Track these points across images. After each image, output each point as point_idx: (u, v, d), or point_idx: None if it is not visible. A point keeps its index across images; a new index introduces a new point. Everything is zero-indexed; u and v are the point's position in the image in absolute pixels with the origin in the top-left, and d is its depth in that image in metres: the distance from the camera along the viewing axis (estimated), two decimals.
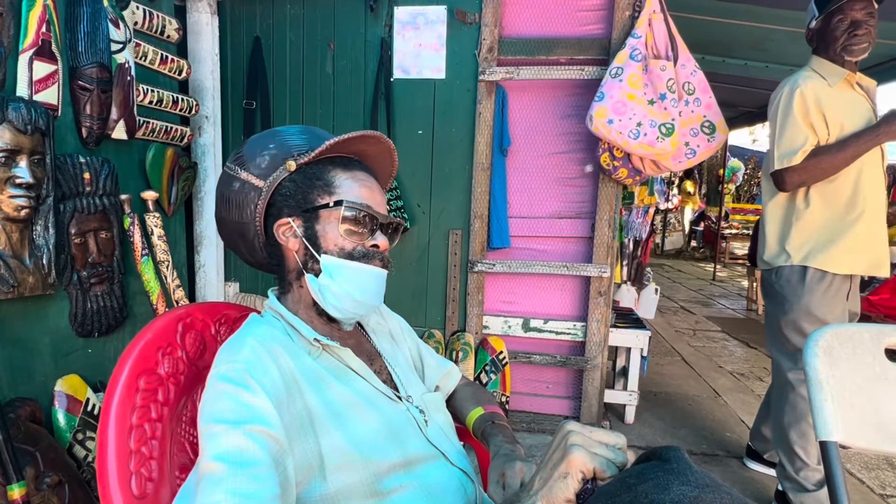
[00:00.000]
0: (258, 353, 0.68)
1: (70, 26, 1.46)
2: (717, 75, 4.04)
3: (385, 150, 0.85)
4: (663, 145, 1.90)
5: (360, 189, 0.78)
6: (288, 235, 0.78)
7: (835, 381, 0.79)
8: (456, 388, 1.00)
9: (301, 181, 0.77)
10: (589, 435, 0.50)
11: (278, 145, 0.78)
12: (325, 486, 0.66)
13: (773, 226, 1.77)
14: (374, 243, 0.78)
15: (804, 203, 1.70)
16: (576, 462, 0.48)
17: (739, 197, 10.76)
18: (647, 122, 1.89)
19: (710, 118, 1.96)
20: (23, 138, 1.24)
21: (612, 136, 1.92)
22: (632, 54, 1.93)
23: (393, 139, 2.31)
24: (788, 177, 1.65)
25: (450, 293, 2.35)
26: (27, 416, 1.31)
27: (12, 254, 1.29)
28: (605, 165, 2.07)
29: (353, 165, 0.80)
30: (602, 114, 1.92)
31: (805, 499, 1.71)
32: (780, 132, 1.67)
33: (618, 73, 1.93)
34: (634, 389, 2.40)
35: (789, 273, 1.71)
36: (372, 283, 0.78)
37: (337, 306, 0.76)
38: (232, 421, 0.60)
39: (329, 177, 0.77)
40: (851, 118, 1.64)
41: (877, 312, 3.40)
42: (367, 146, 0.82)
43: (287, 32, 2.37)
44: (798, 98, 1.64)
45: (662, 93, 1.91)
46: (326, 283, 0.75)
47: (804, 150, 1.63)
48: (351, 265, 0.76)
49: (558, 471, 0.49)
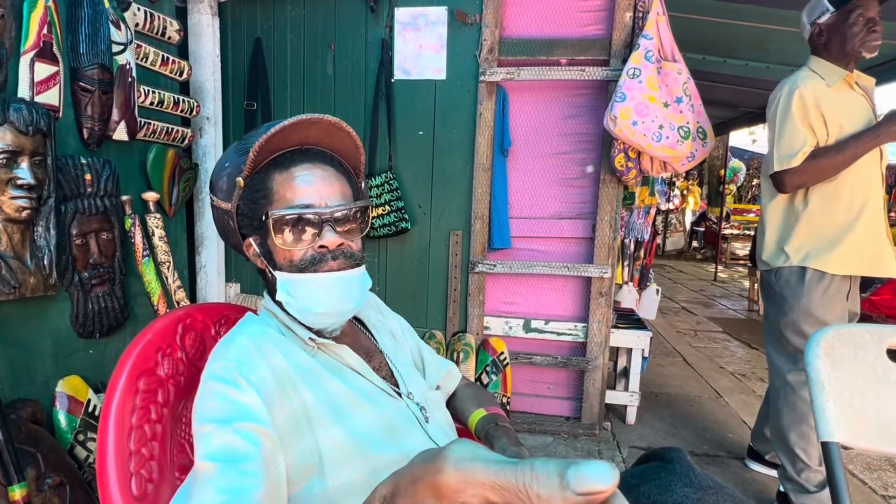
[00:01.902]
0: (249, 350, 0.68)
1: (71, 28, 1.46)
2: (718, 75, 4.03)
3: (331, 128, 0.74)
4: (682, 148, 1.92)
5: (297, 188, 0.71)
6: (254, 256, 0.77)
7: (836, 381, 0.79)
8: (457, 389, 1.00)
9: (248, 197, 0.73)
10: None
11: (233, 161, 0.74)
12: (325, 483, 0.66)
13: (772, 226, 1.77)
14: (322, 244, 0.72)
15: (803, 204, 1.70)
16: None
17: (741, 197, 10.75)
18: (668, 125, 1.90)
19: (703, 124, 1.98)
20: (24, 139, 1.24)
21: (635, 139, 1.91)
22: (646, 55, 1.93)
23: (394, 140, 2.31)
24: (788, 178, 1.65)
25: (451, 294, 2.34)
26: (28, 417, 1.31)
27: (13, 255, 1.29)
28: (619, 167, 2.04)
29: (294, 161, 0.73)
30: (626, 115, 1.90)
31: (807, 500, 1.71)
32: (780, 134, 1.67)
33: (636, 74, 1.92)
34: (636, 390, 2.40)
35: (788, 274, 1.71)
36: (330, 291, 0.72)
37: (304, 320, 0.74)
38: (222, 419, 0.60)
39: (268, 184, 0.72)
40: (850, 118, 1.63)
41: (878, 313, 3.40)
42: (312, 131, 0.74)
43: (288, 34, 2.37)
44: (797, 99, 1.64)
45: (679, 96, 1.92)
46: (286, 299, 0.73)
47: (803, 151, 1.62)
48: (300, 279, 0.72)
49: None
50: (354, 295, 0.75)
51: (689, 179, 8.85)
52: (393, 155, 2.32)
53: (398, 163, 2.32)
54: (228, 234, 0.79)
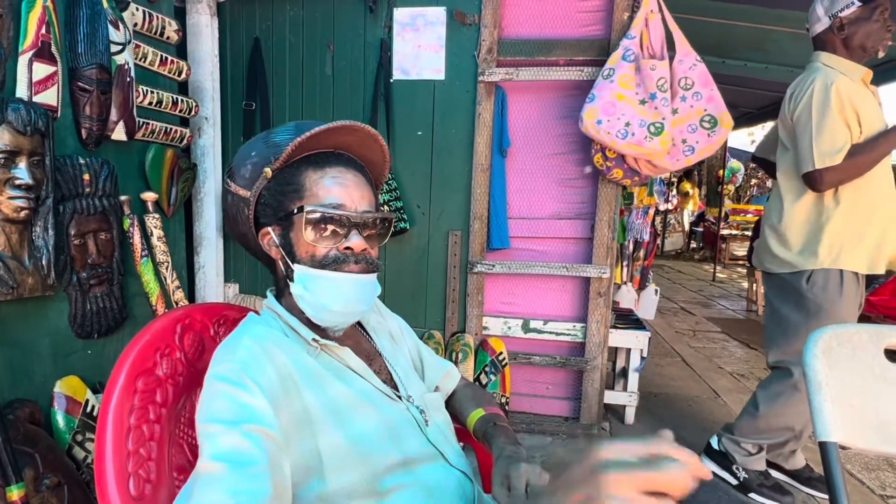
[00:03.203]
0: (254, 352, 0.68)
1: (70, 28, 1.46)
2: (717, 76, 4.00)
3: (367, 139, 0.79)
4: (651, 145, 1.89)
5: (330, 188, 0.74)
6: (270, 245, 0.77)
7: (834, 381, 0.79)
8: (455, 389, 1.00)
9: (275, 188, 0.75)
10: (629, 473, 0.35)
11: (260, 152, 0.76)
12: (324, 486, 0.66)
13: (796, 227, 1.70)
14: (348, 245, 0.74)
15: (834, 202, 1.64)
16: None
17: (739, 198, 10.76)
18: (636, 122, 1.89)
19: (711, 111, 1.92)
20: (22, 139, 1.24)
21: (601, 137, 1.93)
22: (624, 55, 1.94)
23: (392, 140, 2.31)
24: (828, 176, 1.57)
25: (449, 294, 2.34)
26: (26, 418, 1.31)
27: (11, 255, 1.29)
28: (599, 166, 2.08)
29: (329, 162, 0.76)
30: (592, 115, 1.93)
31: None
32: (819, 129, 1.58)
33: (609, 75, 1.94)
34: (634, 390, 2.40)
35: (825, 279, 1.64)
36: (348, 291, 0.74)
37: (315, 316, 0.75)
38: (229, 421, 0.60)
39: (300, 179, 0.74)
40: (872, 116, 1.61)
41: (877, 313, 3.40)
42: (347, 137, 0.77)
43: (287, 34, 2.37)
44: (835, 94, 1.57)
45: (653, 92, 1.90)
46: (300, 292, 0.74)
47: (844, 149, 1.56)
48: (321, 275, 0.73)
49: None
50: (367, 299, 0.77)
51: (690, 180, 8.87)
52: (392, 155, 2.31)
53: (397, 163, 2.32)
54: (239, 221, 0.79)
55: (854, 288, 1.66)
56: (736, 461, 1.86)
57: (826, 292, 1.65)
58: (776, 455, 1.93)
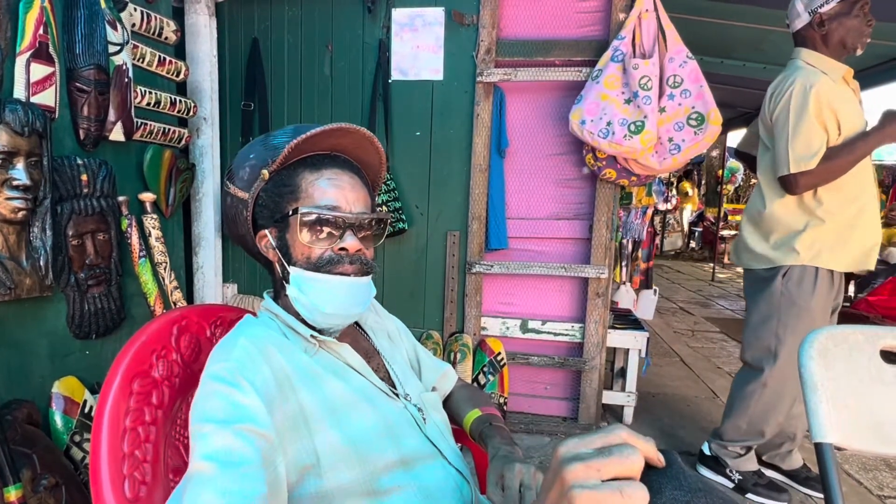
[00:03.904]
0: (250, 352, 0.68)
1: (67, 28, 1.46)
2: (715, 76, 4.03)
3: (362, 141, 0.80)
4: (630, 143, 1.89)
5: (326, 190, 0.74)
6: (267, 248, 0.78)
7: (830, 383, 0.79)
8: (452, 390, 1.00)
9: (272, 190, 0.75)
10: (588, 462, 0.37)
11: (258, 154, 0.77)
12: (322, 484, 0.66)
13: (778, 223, 1.70)
14: (343, 246, 0.74)
15: (815, 202, 1.64)
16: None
17: (738, 198, 10.75)
18: (617, 121, 1.89)
19: (699, 108, 1.89)
20: (20, 140, 1.24)
21: (585, 137, 1.96)
22: (613, 56, 1.95)
23: (391, 141, 2.31)
24: (803, 180, 1.58)
25: (448, 294, 2.35)
26: (24, 418, 1.31)
27: (9, 256, 1.29)
28: (591, 166, 2.10)
29: (325, 164, 0.76)
30: (577, 116, 1.97)
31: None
32: (794, 133, 1.58)
33: (597, 76, 1.97)
34: (633, 390, 2.40)
35: (800, 274, 1.65)
36: (342, 294, 0.74)
37: (309, 318, 0.75)
38: (222, 420, 0.60)
39: (296, 181, 0.75)
40: (852, 116, 1.59)
41: (875, 313, 3.41)
42: (343, 139, 0.78)
43: (285, 34, 2.37)
44: (813, 98, 1.55)
45: (635, 91, 1.91)
46: (296, 295, 0.74)
47: (819, 153, 1.56)
48: (315, 277, 0.73)
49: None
50: (362, 301, 0.77)
51: (689, 180, 8.87)
52: (390, 155, 2.32)
53: (395, 163, 2.32)
54: (238, 223, 0.79)
55: (828, 286, 1.66)
56: (728, 464, 1.87)
57: (800, 289, 1.65)
58: (773, 456, 1.94)
